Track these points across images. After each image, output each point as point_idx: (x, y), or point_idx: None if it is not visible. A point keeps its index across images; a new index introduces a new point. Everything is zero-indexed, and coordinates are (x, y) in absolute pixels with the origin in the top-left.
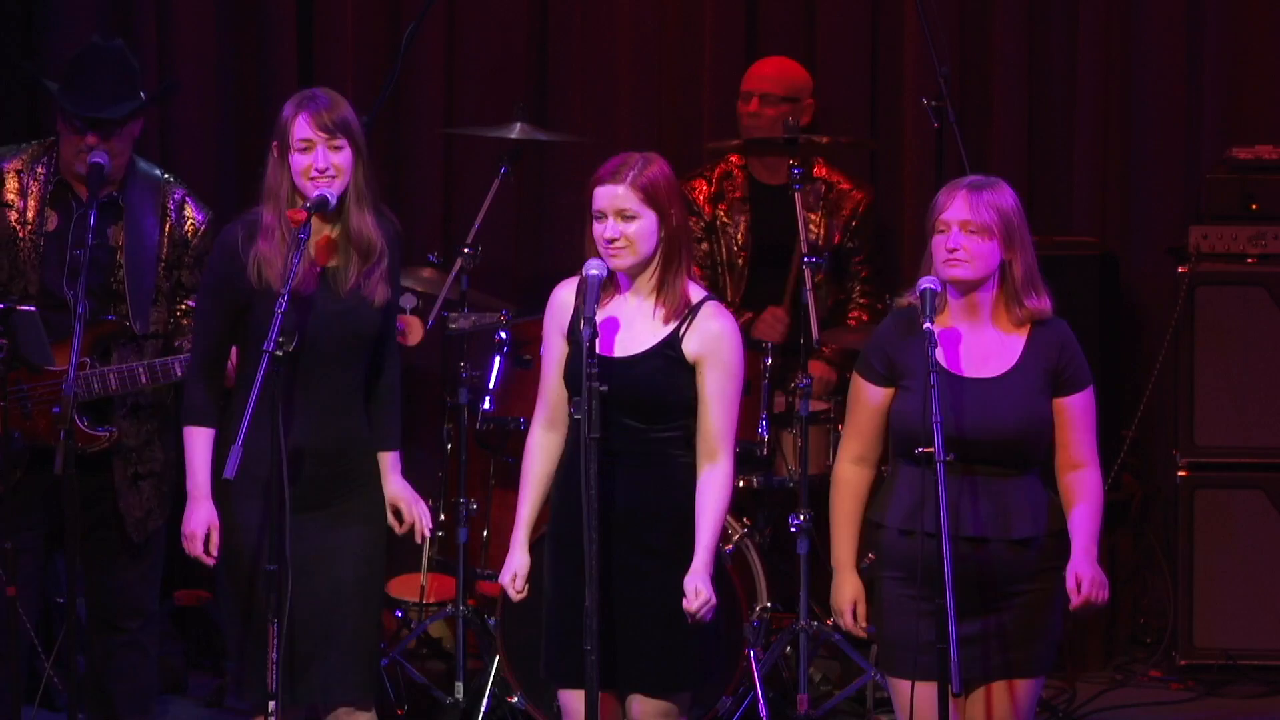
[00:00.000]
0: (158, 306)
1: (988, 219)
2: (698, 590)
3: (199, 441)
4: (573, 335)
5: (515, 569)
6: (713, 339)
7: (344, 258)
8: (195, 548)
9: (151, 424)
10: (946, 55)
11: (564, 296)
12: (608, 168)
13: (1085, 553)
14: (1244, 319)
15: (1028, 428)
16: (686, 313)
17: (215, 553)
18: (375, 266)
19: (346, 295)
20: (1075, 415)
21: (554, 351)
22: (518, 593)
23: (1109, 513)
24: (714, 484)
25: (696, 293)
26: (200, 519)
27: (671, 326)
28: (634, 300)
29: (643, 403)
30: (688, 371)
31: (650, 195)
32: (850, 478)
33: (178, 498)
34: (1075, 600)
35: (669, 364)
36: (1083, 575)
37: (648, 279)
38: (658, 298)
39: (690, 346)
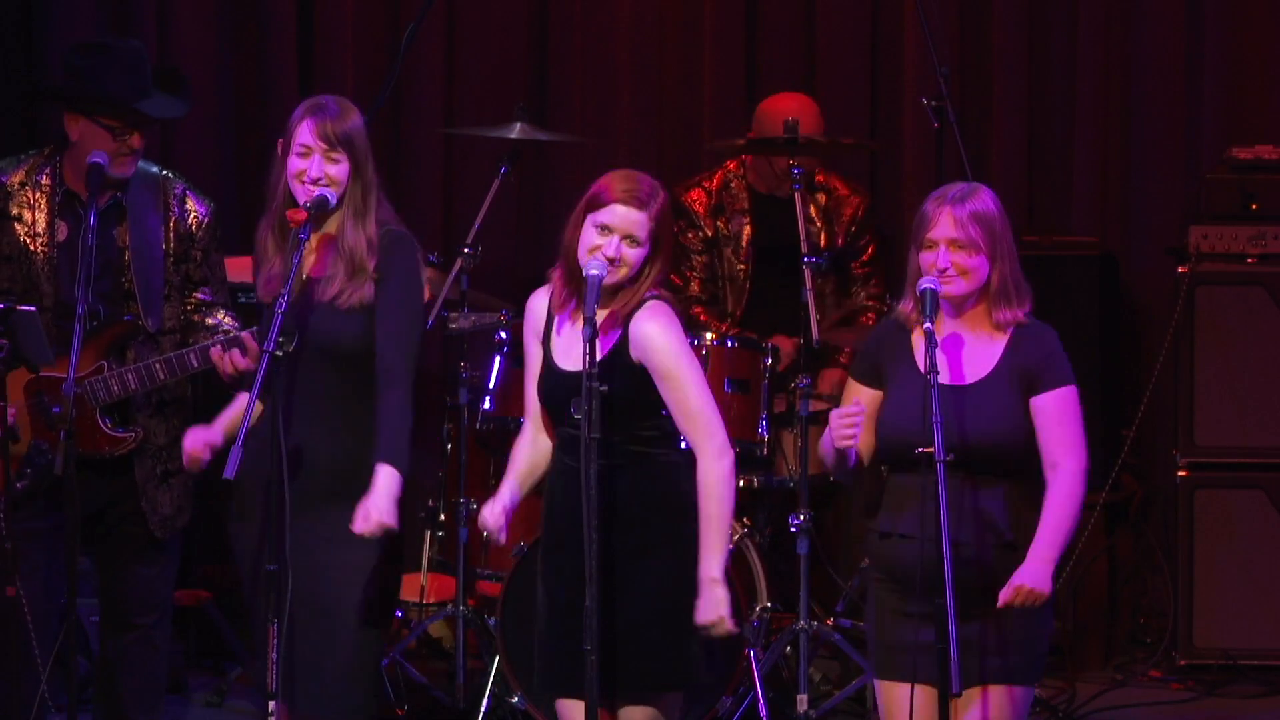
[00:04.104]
0: (170, 302)
1: (974, 234)
2: (712, 620)
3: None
4: (545, 350)
5: (497, 503)
6: (645, 344)
7: (331, 268)
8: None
9: (176, 420)
10: (946, 55)
11: (537, 306)
12: (624, 187)
13: (1031, 559)
14: (1244, 319)
15: (999, 434)
16: (626, 320)
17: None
18: (361, 283)
19: (323, 305)
20: (1047, 414)
21: (532, 360)
22: (495, 526)
23: (1109, 513)
24: (704, 479)
25: (641, 298)
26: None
27: (616, 335)
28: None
29: (611, 409)
30: (641, 374)
31: (658, 229)
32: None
33: (199, 496)
34: (1003, 598)
35: (620, 370)
36: (1021, 581)
37: (612, 295)
38: (612, 310)
39: (633, 353)
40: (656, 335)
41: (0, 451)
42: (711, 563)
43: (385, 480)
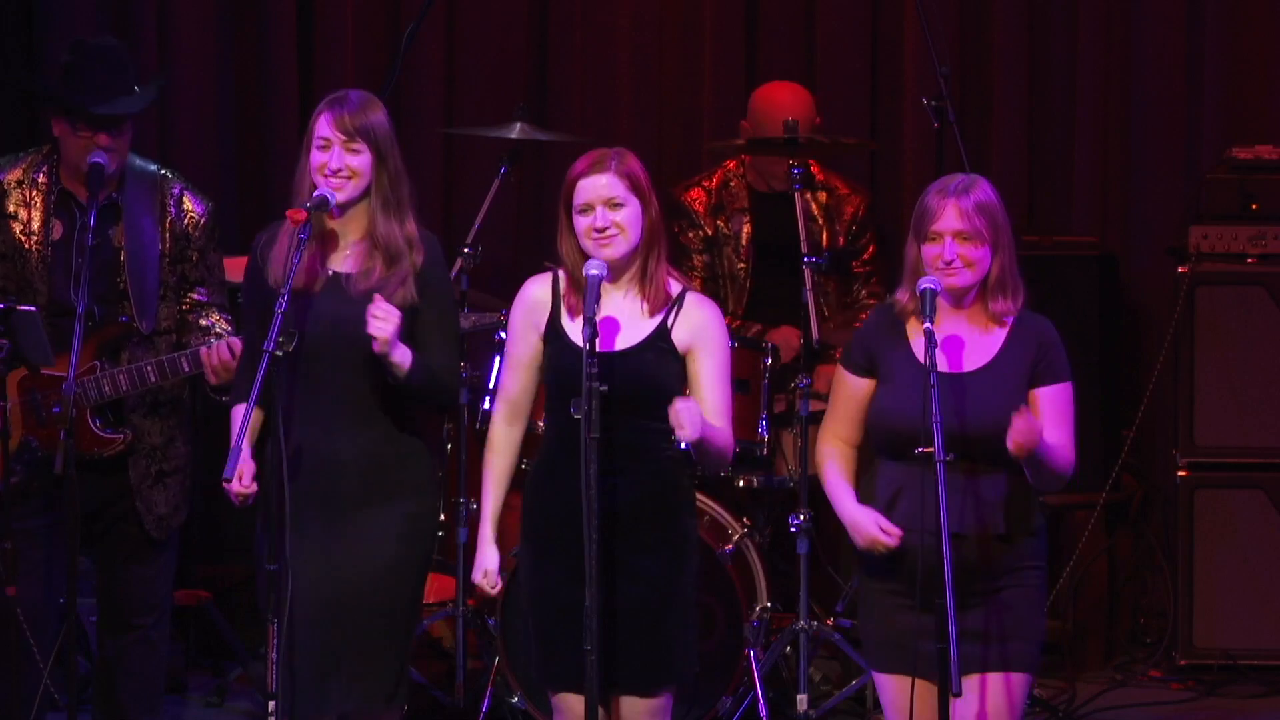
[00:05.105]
0: (166, 303)
1: (979, 225)
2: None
3: (238, 413)
4: (554, 334)
5: (486, 565)
6: (701, 327)
7: (368, 262)
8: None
9: (172, 420)
10: (946, 55)
11: (537, 293)
12: (585, 162)
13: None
14: (1244, 319)
15: (1001, 422)
16: (672, 304)
17: None
18: (398, 272)
19: (358, 299)
20: (1045, 406)
21: (522, 348)
22: (492, 588)
23: (1109, 513)
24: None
25: (675, 284)
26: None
27: (659, 318)
28: (617, 295)
29: (637, 395)
30: (678, 362)
31: (634, 183)
32: (834, 450)
33: (197, 494)
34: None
35: (660, 355)
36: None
37: (630, 273)
38: (641, 290)
39: (680, 337)
40: (713, 320)
41: (0, 451)
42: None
43: (404, 348)
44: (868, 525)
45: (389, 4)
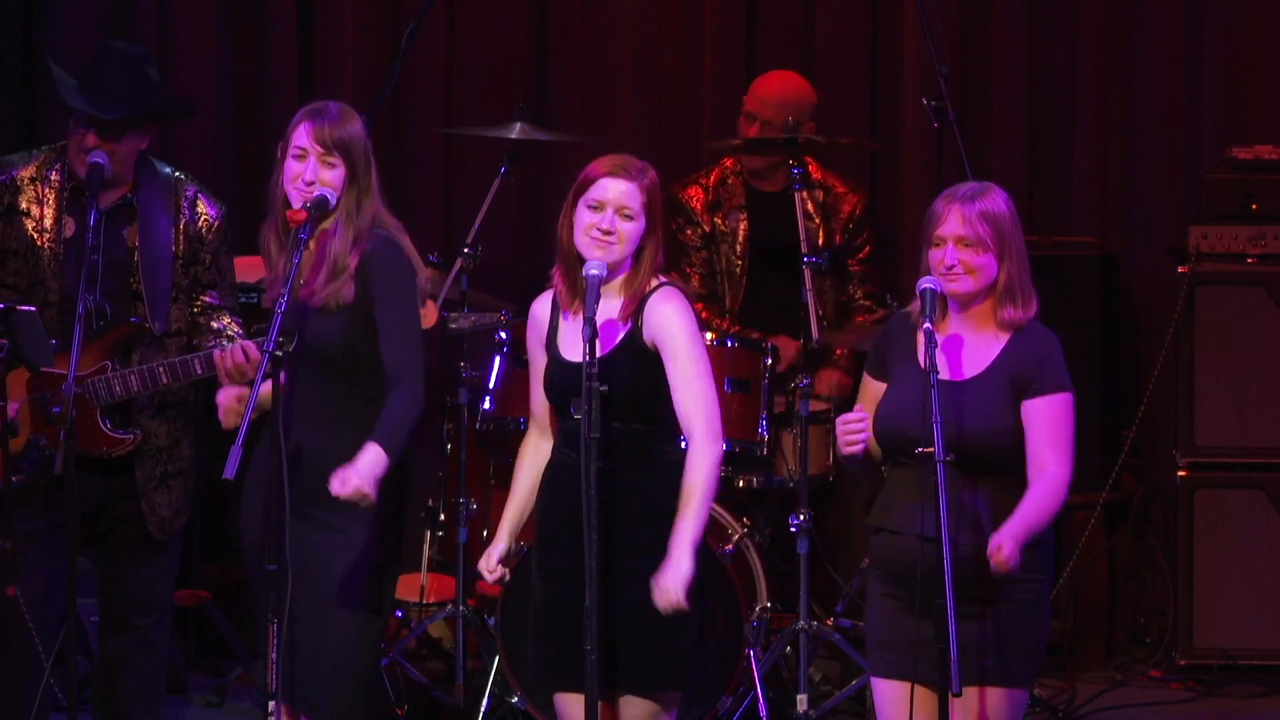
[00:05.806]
0: (177, 304)
1: (982, 232)
2: (664, 590)
3: None
4: (550, 348)
5: (493, 553)
6: (661, 326)
7: (310, 271)
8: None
9: (179, 422)
10: (946, 55)
11: (538, 310)
12: (612, 162)
13: (1008, 528)
14: (1244, 319)
15: (986, 433)
16: (640, 305)
17: None
18: (339, 283)
19: (301, 305)
20: (1036, 419)
21: (536, 364)
22: (490, 571)
23: (1109, 512)
24: (691, 458)
25: (651, 283)
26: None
27: (630, 322)
28: (602, 303)
29: (619, 400)
30: (653, 359)
31: (650, 201)
32: None
33: (200, 495)
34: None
35: (629, 358)
36: (997, 542)
37: (618, 282)
38: (623, 298)
39: (647, 335)
40: (672, 315)
41: (0, 452)
42: (683, 536)
43: (371, 455)
44: (839, 422)
45: (389, 4)
